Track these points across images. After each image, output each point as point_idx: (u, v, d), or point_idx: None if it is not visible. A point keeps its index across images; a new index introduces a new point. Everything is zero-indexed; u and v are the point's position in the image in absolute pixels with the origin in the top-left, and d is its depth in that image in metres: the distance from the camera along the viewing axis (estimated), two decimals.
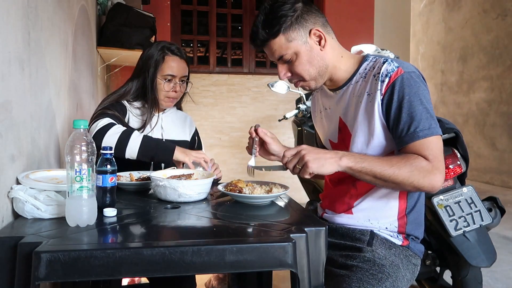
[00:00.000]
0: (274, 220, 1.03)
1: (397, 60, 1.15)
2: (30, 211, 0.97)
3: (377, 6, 4.51)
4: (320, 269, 0.96)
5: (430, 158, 1.06)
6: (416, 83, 1.10)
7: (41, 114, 1.32)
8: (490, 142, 5.50)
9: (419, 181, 1.04)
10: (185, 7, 4.33)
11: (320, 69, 1.18)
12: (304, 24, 1.15)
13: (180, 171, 1.35)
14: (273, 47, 1.16)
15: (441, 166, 1.07)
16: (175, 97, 1.64)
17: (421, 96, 1.09)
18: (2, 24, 0.97)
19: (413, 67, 1.15)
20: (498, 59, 5.36)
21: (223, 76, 4.33)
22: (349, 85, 1.21)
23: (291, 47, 1.15)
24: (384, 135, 1.15)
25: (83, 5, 2.19)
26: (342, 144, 1.27)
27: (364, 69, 1.19)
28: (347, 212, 1.23)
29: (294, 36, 1.14)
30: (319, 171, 1.05)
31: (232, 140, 4.33)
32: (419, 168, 1.04)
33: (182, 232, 0.98)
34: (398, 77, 1.10)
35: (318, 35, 1.16)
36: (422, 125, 1.07)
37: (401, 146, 1.10)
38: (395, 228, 1.20)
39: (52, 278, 0.75)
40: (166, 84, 1.60)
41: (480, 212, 1.56)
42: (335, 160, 1.05)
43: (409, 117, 1.08)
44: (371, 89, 1.14)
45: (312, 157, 1.05)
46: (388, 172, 1.04)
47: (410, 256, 1.19)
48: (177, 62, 1.61)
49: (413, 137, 1.07)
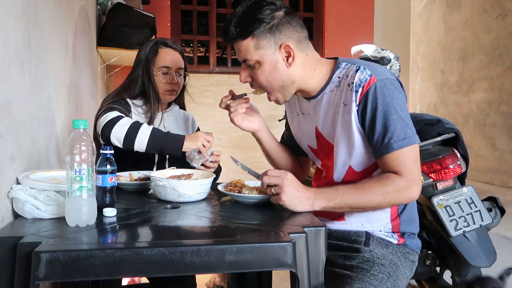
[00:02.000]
0: (274, 220, 1.03)
1: (370, 66, 1.12)
2: (30, 211, 0.97)
3: (377, 6, 4.51)
4: (320, 269, 0.96)
5: (403, 172, 1.05)
6: (389, 91, 1.07)
7: (41, 114, 1.32)
8: (490, 142, 5.50)
9: (396, 199, 1.06)
10: (185, 7, 4.33)
11: (283, 83, 1.15)
12: (277, 35, 1.10)
13: (180, 171, 1.35)
14: (240, 48, 1.14)
15: (417, 177, 1.07)
16: (174, 89, 1.63)
17: (395, 104, 1.07)
18: (2, 24, 0.97)
19: (388, 73, 1.11)
20: (498, 59, 5.36)
21: (223, 76, 4.33)
22: (323, 94, 1.18)
23: (257, 55, 1.11)
24: (365, 145, 1.13)
25: (83, 5, 2.19)
26: (321, 150, 1.26)
27: (337, 77, 1.16)
28: (339, 219, 1.23)
29: (263, 45, 1.11)
30: (290, 208, 1.05)
31: (232, 140, 4.32)
32: (393, 187, 1.05)
33: (182, 232, 0.98)
34: (371, 87, 1.07)
35: (288, 51, 1.12)
36: (397, 135, 1.05)
37: (377, 157, 1.10)
38: (389, 229, 1.20)
39: (52, 278, 0.75)
40: (162, 76, 1.60)
41: (480, 212, 1.56)
42: (309, 202, 1.05)
43: (383, 128, 1.06)
44: (346, 99, 1.12)
45: (290, 192, 1.04)
46: (363, 200, 1.05)
47: (407, 254, 1.20)
48: (171, 53, 1.62)
49: (387, 148, 1.06)
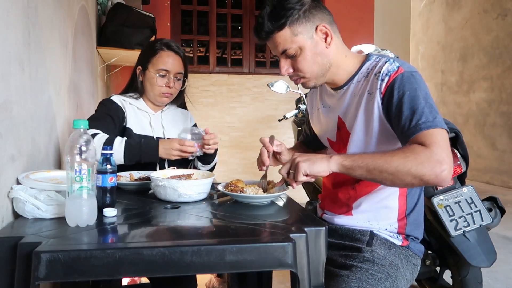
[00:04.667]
0: (274, 220, 1.03)
1: (399, 60, 1.14)
2: (31, 211, 0.97)
3: (377, 6, 4.51)
4: (320, 269, 0.96)
5: (428, 144, 0.98)
6: (417, 81, 1.08)
7: (41, 114, 1.32)
8: (490, 142, 5.50)
9: (418, 167, 0.95)
10: (185, 7, 4.32)
11: (323, 67, 1.17)
12: (311, 19, 1.13)
13: (180, 171, 1.35)
14: (278, 40, 1.14)
15: (446, 157, 0.97)
16: (170, 93, 1.62)
17: (423, 92, 1.06)
18: (2, 24, 0.97)
19: (414, 68, 1.13)
20: (498, 59, 5.36)
21: (223, 76, 4.33)
22: (350, 84, 1.20)
23: (296, 41, 1.13)
24: (382, 135, 1.13)
25: (83, 5, 2.19)
26: (340, 142, 1.26)
27: (366, 69, 1.18)
28: (346, 213, 1.23)
29: (300, 30, 1.12)
30: (311, 169, 1.02)
31: (232, 140, 4.32)
32: (414, 153, 0.97)
33: (182, 232, 0.98)
34: (398, 75, 1.08)
35: (325, 32, 1.14)
36: (425, 117, 1.01)
37: (405, 141, 1.05)
38: (394, 229, 1.20)
39: (52, 278, 0.75)
40: (160, 79, 1.59)
41: (480, 212, 1.56)
42: (326, 158, 1.04)
43: (411, 111, 1.03)
44: (372, 88, 1.13)
45: (303, 158, 1.04)
46: (380, 161, 0.98)
47: (410, 256, 1.19)
48: (172, 57, 1.60)
49: (415, 130, 1.01)
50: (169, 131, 1.67)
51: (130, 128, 1.59)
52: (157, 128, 1.65)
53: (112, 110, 1.56)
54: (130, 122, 1.60)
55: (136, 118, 1.63)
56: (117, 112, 1.58)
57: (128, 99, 1.64)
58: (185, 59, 1.65)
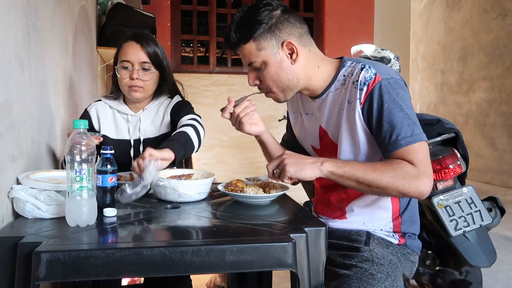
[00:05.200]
0: (274, 220, 1.03)
1: (375, 65, 1.12)
2: (31, 211, 0.97)
3: (377, 6, 4.51)
4: (320, 269, 0.96)
5: (415, 162, 1.02)
6: (394, 89, 1.07)
7: (41, 114, 1.32)
8: (490, 142, 5.50)
9: (404, 186, 1.01)
10: (185, 7, 4.32)
11: (289, 82, 1.15)
12: (277, 34, 1.11)
13: (180, 171, 1.35)
14: (243, 52, 1.14)
15: (428, 171, 1.03)
16: (136, 85, 1.51)
17: (400, 102, 1.06)
18: (2, 24, 0.97)
19: (392, 72, 1.12)
20: (498, 59, 5.36)
21: (223, 76, 4.33)
22: (328, 93, 1.19)
23: (261, 56, 1.12)
24: (369, 143, 1.13)
25: (83, 5, 2.19)
26: (325, 150, 1.26)
27: (342, 76, 1.16)
28: (340, 217, 1.23)
29: (264, 46, 1.11)
30: (297, 175, 1.03)
31: (232, 140, 4.32)
32: (403, 172, 1.01)
33: (182, 232, 0.98)
34: (375, 85, 1.07)
35: (290, 48, 1.12)
36: (404, 132, 1.04)
37: (386, 154, 1.08)
38: (390, 229, 1.20)
39: (52, 278, 0.75)
40: (122, 70, 1.52)
41: (480, 212, 1.56)
42: (316, 165, 1.03)
43: (389, 126, 1.05)
44: (351, 97, 1.12)
45: (292, 161, 1.03)
46: (371, 176, 1.01)
47: (407, 254, 1.20)
48: (133, 47, 1.52)
49: (395, 145, 1.04)
50: (145, 133, 1.60)
51: (106, 134, 1.58)
52: (135, 131, 1.60)
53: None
54: (106, 127, 1.59)
55: (114, 122, 1.60)
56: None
57: (110, 101, 1.61)
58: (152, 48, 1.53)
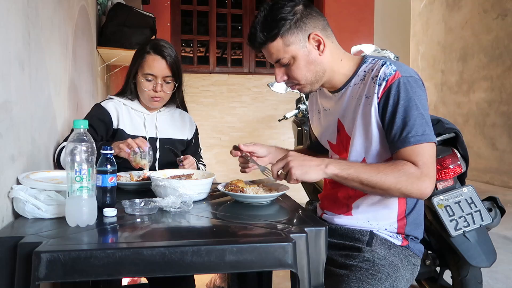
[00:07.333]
0: (274, 220, 1.03)
1: (396, 62, 1.14)
2: (31, 211, 0.97)
3: (377, 6, 4.51)
4: (320, 269, 0.97)
5: (419, 164, 1.04)
6: (412, 88, 1.09)
7: (41, 114, 1.32)
8: (490, 142, 5.50)
9: (407, 187, 1.03)
10: (185, 7, 4.33)
11: (317, 74, 1.17)
12: (303, 28, 1.13)
13: (180, 171, 1.35)
14: (271, 50, 1.15)
15: (431, 173, 1.05)
16: (158, 97, 1.59)
17: (416, 101, 1.08)
18: (2, 24, 0.97)
19: (412, 71, 1.13)
20: (498, 59, 5.36)
21: (223, 76, 4.33)
22: (348, 87, 1.21)
23: (289, 51, 1.13)
24: (381, 139, 1.14)
25: (83, 5, 2.19)
26: (340, 145, 1.26)
27: (362, 71, 1.18)
28: (346, 213, 1.23)
29: (292, 40, 1.13)
30: (302, 178, 1.05)
31: (232, 140, 4.32)
32: (407, 174, 1.03)
33: (182, 232, 0.98)
34: (394, 81, 1.09)
35: (317, 40, 1.14)
36: (415, 130, 1.06)
37: (394, 151, 1.10)
38: (394, 229, 1.20)
39: (52, 278, 0.75)
40: (145, 82, 1.58)
41: (480, 212, 1.56)
42: (320, 167, 1.05)
43: (402, 122, 1.07)
44: (369, 92, 1.13)
45: (297, 163, 1.05)
46: (375, 178, 1.03)
47: (409, 256, 1.19)
48: (158, 61, 1.57)
49: (404, 142, 1.06)
50: (162, 132, 1.66)
51: (122, 129, 1.59)
52: (151, 128, 1.65)
53: (94, 118, 1.57)
54: (123, 123, 1.61)
55: (130, 118, 1.63)
56: (102, 117, 1.58)
57: (123, 100, 1.65)
58: (174, 61, 1.59)
